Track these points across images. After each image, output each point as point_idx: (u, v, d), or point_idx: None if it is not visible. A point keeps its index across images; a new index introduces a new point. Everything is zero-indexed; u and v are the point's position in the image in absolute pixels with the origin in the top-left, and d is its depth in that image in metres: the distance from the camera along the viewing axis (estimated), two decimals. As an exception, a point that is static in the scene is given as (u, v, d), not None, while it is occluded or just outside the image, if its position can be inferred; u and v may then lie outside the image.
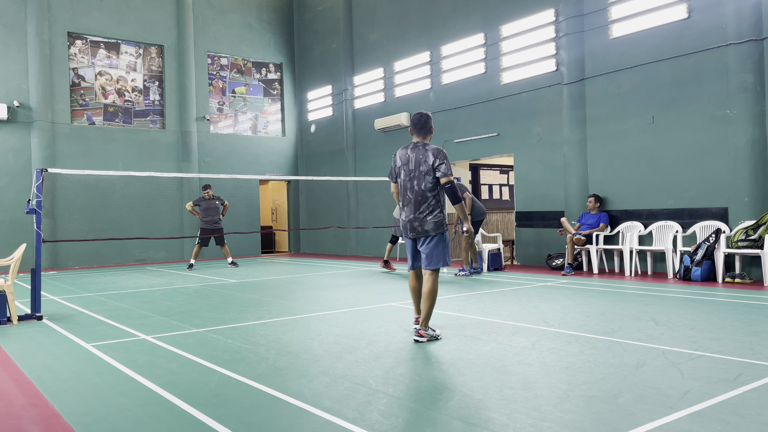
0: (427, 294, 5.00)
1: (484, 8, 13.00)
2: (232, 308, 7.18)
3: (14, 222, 13.96)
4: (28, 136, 14.44)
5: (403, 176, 5.10)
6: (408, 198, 5.07)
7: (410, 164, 5.05)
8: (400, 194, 5.17)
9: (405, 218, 5.10)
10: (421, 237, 5.06)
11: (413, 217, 5.05)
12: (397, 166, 5.16)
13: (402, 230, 5.17)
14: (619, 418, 3.06)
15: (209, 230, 12.92)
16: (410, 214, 5.06)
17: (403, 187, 5.12)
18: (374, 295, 8.11)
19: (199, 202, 13.03)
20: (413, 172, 5.03)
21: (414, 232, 5.07)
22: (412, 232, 5.08)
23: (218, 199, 13.11)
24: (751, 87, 8.80)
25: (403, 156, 5.13)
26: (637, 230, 10.06)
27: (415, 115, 5.17)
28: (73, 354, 4.88)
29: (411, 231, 5.08)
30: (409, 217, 5.06)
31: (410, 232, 5.08)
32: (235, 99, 17.97)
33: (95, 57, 15.70)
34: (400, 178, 5.14)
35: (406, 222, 5.09)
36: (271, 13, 18.64)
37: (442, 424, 3.03)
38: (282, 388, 3.73)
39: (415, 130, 5.14)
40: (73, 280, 11.30)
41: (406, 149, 5.14)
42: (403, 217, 5.11)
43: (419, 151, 5.04)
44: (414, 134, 5.16)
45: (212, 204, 12.95)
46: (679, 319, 5.71)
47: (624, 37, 10.44)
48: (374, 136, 16.12)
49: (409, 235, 5.10)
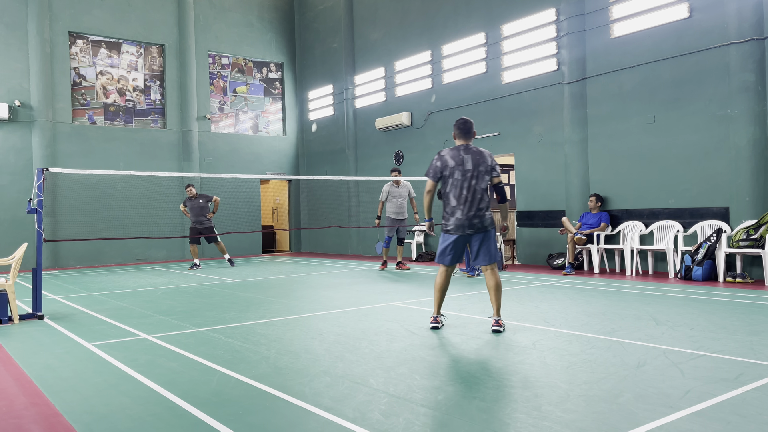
0: (497, 287, 5.35)
1: (485, 7, 12.99)
2: (233, 308, 7.18)
3: (15, 221, 13.97)
4: (29, 135, 14.45)
5: (457, 176, 5.32)
6: (464, 196, 5.30)
7: (466, 165, 5.32)
8: (453, 193, 5.33)
9: (462, 216, 5.29)
10: (480, 232, 5.34)
11: (473, 213, 5.30)
12: (449, 167, 5.35)
13: (456, 228, 5.32)
14: (619, 417, 3.06)
15: (196, 230, 12.78)
16: (469, 211, 5.29)
17: (457, 187, 5.32)
18: (375, 294, 8.11)
19: (185, 202, 12.97)
20: (471, 172, 5.32)
21: (473, 228, 5.32)
22: (470, 228, 5.31)
23: (203, 197, 12.81)
24: (753, 86, 8.79)
25: (455, 157, 5.36)
26: (638, 230, 10.05)
27: (460, 121, 5.49)
28: (74, 353, 4.88)
29: (470, 227, 5.31)
30: (468, 214, 5.29)
31: (468, 228, 5.31)
32: (236, 98, 17.97)
33: (96, 56, 15.71)
34: (452, 178, 5.33)
35: (464, 219, 5.29)
36: (273, 12, 18.64)
37: (442, 424, 3.03)
38: (283, 387, 3.73)
39: (461, 134, 5.48)
40: (74, 280, 11.31)
41: (456, 151, 5.39)
42: (459, 216, 5.29)
43: (474, 153, 5.38)
44: (460, 138, 5.49)
45: (196, 203, 12.74)
46: (680, 319, 5.70)
47: (625, 37, 10.43)
48: (375, 136, 16.12)
49: (467, 231, 5.31)
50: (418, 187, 14.51)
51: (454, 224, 5.33)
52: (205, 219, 12.76)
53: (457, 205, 5.32)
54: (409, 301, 7.32)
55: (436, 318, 5.50)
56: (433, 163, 5.46)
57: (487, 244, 5.36)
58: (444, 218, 5.43)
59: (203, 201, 12.75)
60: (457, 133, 5.52)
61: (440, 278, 5.51)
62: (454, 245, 5.39)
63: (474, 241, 5.37)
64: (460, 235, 5.34)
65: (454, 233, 5.35)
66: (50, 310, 7.26)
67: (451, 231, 5.36)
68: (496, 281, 5.36)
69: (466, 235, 5.34)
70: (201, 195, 12.87)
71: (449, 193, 5.37)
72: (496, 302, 5.33)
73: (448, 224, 5.37)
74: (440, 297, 5.51)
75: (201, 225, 12.76)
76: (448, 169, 5.36)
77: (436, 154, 5.48)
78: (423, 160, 14.55)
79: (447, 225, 5.38)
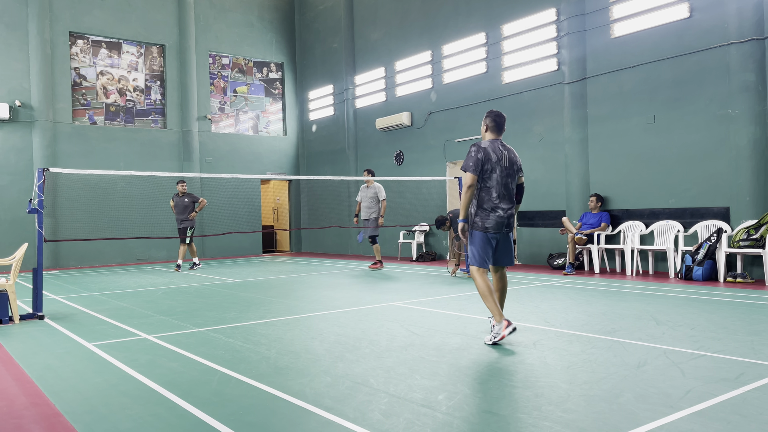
0: (506, 287, 5.21)
1: (485, 7, 12.99)
2: (234, 308, 7.18)
3: (16, 221, 13.97)
4: (29, 135, 14.45)
5: (498, 171, 5.01)
6: (503, 194, 5.04)
7: (504, 161, 5.05)
8: (495, 189, 5.00)
9: (503, 213, 5.02)
10: (508, 232, 5.14)
11: (510, 212, 5.08)
12: (491, 161, 5.00)
13: (497, 225, 5.01)
14: (620, 417, 3.06)
15: (183, 229, 12.55)
16: (508, 209, 5.05)
17: (499, 183, 5.02)
18: (375, 294, 8.11)
19: (174, 198, 12.73)
20: (509, 169, 5.06)
21: (508, 227, 5.10)
22: (507, 227, 5.08)
23: (189, 197, 12.58)
24: (753, 86, 8.79)
25: (497, 151, 5.04)
26: (638, 230, 10.05)
27: (494, 113, 5.17)
28: (74, 353, 4.89)
29: (507, 226, 5.08)
30: (508, 212, 5.05)
31: (505, 226, 5.07)
32: (237, 98, 17.97)
33: (97, 56, 15.71)
34: (494, 173, 5.00)
35: (505, 217, 5.03)
36: (273, 12, 18.64)
37: (443, 423, 3.03)
38: (283, 387, 3.73)
39: (495, 128, 5.14)
40: (74, 280, 11.32)
41: (495, 144, 5.08)
42: (501, 213, 5.01)
43: (510, 151, 5.13)
44: (492, 132, 5.15)
45: (182, 201, 12.49)
46: (681, 319, 5.70)
47: (625, 37, 10.43)
48: (375, 136, 16.12)
49: (503, 230, 5.06)
50: (418, 187, 14.51)
51: (495, 221, 4.98)
52: (186, 218, 12.49)
53: (499, 202, 5.00)
54: (410, 301, 7.32)
55: (508, 320, 4.81)
56: (473, 155, 5.00)
57: (510, 244, 5.18)
58: (479, 216, 5.01)
59: (189, 200, 12.53)
60: (490, 125, 5.15)
61: (485, 281, 4.98)
62: (492, 245, 5.05)
63: (504, 241, 5.12)
64: (497, 234, 5.03)
65: (493, 231, 5.00)
66: (51, 310, 7.26)
67: (490, 229, 5.00)
68: (506, 284, 5.23)
69: (502, 233, 5.06)
70: (189, 194, 12.65)
71: (490, 189, 4.99)
72: (501, 304, 5.14)
73: (487, 222, 4.98)
74: (494, 300, 4.94)
75: (182, 225, 12.52)
76: (491, 163, 4.99)
77: (473, 146, 5.06)
78: (423, 160, 14.56)
79: (485, 223, 4.99)
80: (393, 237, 15.47)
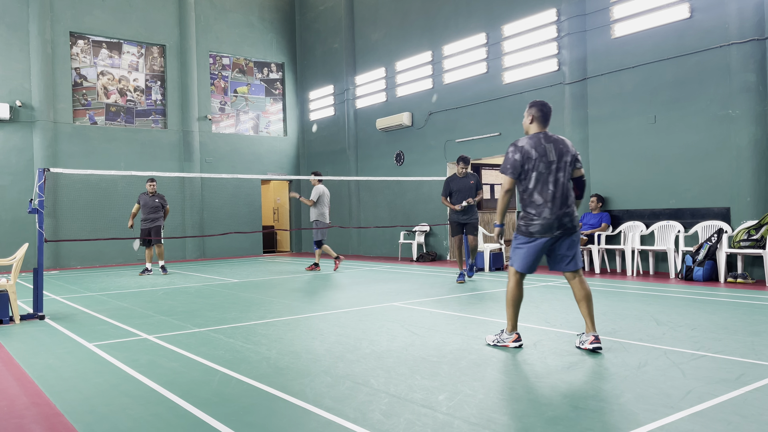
0: (589, 297, 4.62)
1: (485, 8, 12.99)
2: (234, 308, 7.19)
3: (16, 221, 13.98)
4: (30, 135, 14.46)
5: (542, 169, 4.53)
6: (550, 192, 4.53)
7: (550, 155, 4.55)
8: (538, 189, 4.55)
9: (551, 215, 4.51)
10: (569, 234, 4.59)
11: (563, 212, 4.54)
12: (532, 159, 4.54)
13: (544, 229, 4.54)
14: (620, 417, 3.06)
15: (147, 230, 11.80)
16: (558, 209, 4.53)
17: (542, 182, 4.54)
18: (376, 294, 8.11)
19: (139, 198, 11.92)
20: (556, 163, 4.56)
21: (562, 229, 4.56)
22: (560, 229, 4.55)
23: (160, 198, 11.95)
24: (754, 87, 8.78)
25: (537, 147, 4.56)
26: (638, 230, 10.05)
27: (539, 103, 4.70)
28: (75, 353, 4.89)
29: (559, 228, 4.54)
30: (557, 213, 4.52)
31: (557, 229, 4.54)
32: (237, 99, 17.98)
33: (97, 57, 15.72)
34: (536, 171, 4.53)
35: (553, 219, 4.51)
36: (273, 12, 18.65)
37: (444, 424, 3.03)
38: (283, 387, 3.73)
39: (541, 120, 4.67)
40: (75, 280, 11.32)
41: (536, 139, 4.60)
42: (547, 215, 4.51)
43: (556, 142, 4.62)
44: (538, 124, 4.68)
45: (152, 201, 11.78)
46: (681, 319, 5.70)
47: (626, 37, 10.43)
48: (376, 136, 16.13)
49: (556, 232, 4.54)
50: (418, 187, 14.51)
51: (541, 225, 4.53)
52: (157, 218, 11.83)
53: (543, 203, 4.53)
54: (410, 302, 7.32)
55: (518, 334, 4.69)
56: (510, 157, 4.60)
57: (577, 247, 4.66)
58: (524, 220, 4.64)
59: (159, 201, 11.90)
60: (536, 116, 4.67)
61: (517, 289, 4.70)
62: (539, 249, 4.61)
63: (562, 244, 4.61)
64: (548, 238, 4.56)
65: (540, 236, 4.55)
66: (51, 310, 7.26)
67: (536, 234, 4.55)
68: (587, 290, 4.62)
69: (554, 236, 4.56)
70: (158, 194, 12.03)
71: (533, 190, 4.56)
72: (590, 315, 4.58)
73: (532, 226, 4.55)
74: (517, 311, 4.71)
75: (152, 224, 11.81)
76: (531, 162, 4.54)
77: (511, 145, 4.64)
78: (424, 161, 14.56)
79: (530, 227, 4.56)
80: (393, 237, 15.47)
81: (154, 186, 11.91)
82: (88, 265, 15.04)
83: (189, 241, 16.47)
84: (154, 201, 11.82)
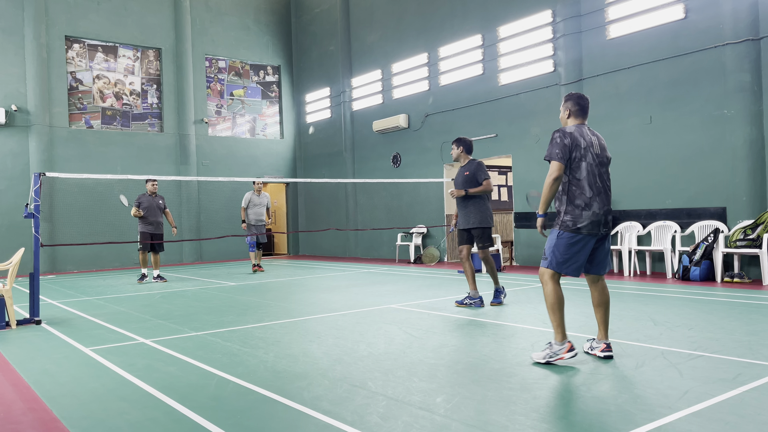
0: (609, 302, 4.42)
1: (481, 9, 13.02)
2: (231, 311, 7.17)
3: (12, 226, 13.94)
4: (26, 139, 14.43)
5: (590, 159, 4.23)
6: (599, 186, 4.24)
7: (595, 148, 4.29)
8: (590, 180, 4.22)
9: (600, 210, 4.21)
10: (607, 233, 4.34)
11: (608, 208, 4.27)
12: (581, 147, 4.23)
13: (592, 225, 4.20)
14: (618, 418, 3.06)
15: (149, 234, 10.83)
16: (604, 205, 4.24)
17: (591, 174, 4.22)
18: (373, 297, 8.11)
19: (141, 200, 10.83)
20: (601, 156, 4.31)
21: (607, 227, 4.29)
22: (605, 228, 4.27)
23: (162, 198, 11.14)
24: (749, 87, 8.81)
25: (585, 136, 4.28)
26: (635, 230, 10.06)
27: (576, 95, 4.44)
28: (71, 358, 4.87)
29: (605, 225, 4.26)
30: (604, 209, 4.24)
31: (603, 226, 4.25)
32: (233, 101, 17.97)
33: (93, 60, 15.70)
34: (585, 161, 4.22)
35: (601, 215, 4.21)
36: (269, 15, 18.65)
37: (441, 426, 3.02)
38: (281, 390, 3.72)
39: (580, 112, 4.41)
40: (71, 284, 11.29)
41: (582, 129, 4.32)
42: (596, 209, 4.20)
43: (598, 137, 4.39)
44: (577, 117, 4.41)
45: (155, 202, 10.89)
46: (678, 319, 5.71)
47: (621, 38, 10.46)
48: (372, 138, 16.13)
49: (602, 231, 4.25)
50: (415, 189, 14.52)
51: (590, 220, 4.17)
52: (162, 222, 11.01)
53: (593, 195, 4.20)
54: (407, 304, 7.32)
55: (571, 343, 4.21)
56: (558, 141, 4.23)
57: (608, 249, 4.41)
58: (570, 214, 4.23)
59: (162, 202, 11.10)
60: (573, 109, 4.40)
61: (557, 292, 4.25)
62: (582, 249, 4.23)
63: (602, 244, 4.34)
64: (592, 235, 4.22)
65: (587, 232, 4.19)
66: (48, 315, 7.24)
67: (583, 230, 4.18)
68: (607, 296, 4.41)
69: (600, 234, 4.25)
70: (159, 195, 11.17)
71: (581, 181, 4.21)
72: (605, 322, 4.38)
73: (580, 221, 4.18)
74: (563, 316, 4.27)
75: (158, 230, 10.91)
76: (580, 149, 4.22)
77: (557, 131, 4.29)
78: (420, 162, 14.56)
79: (577, 222, 4.18)
80: (391, 239, 15.47)
81: (155, 185, 10.93)
82: (84, 269, 15.00)
83: (186, 245, 16.44)
84: (158, 201, 10.94)
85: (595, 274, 4.39)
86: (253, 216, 12.34)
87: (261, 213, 12.39)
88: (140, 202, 10.79)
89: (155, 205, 10.86)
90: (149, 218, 10.79)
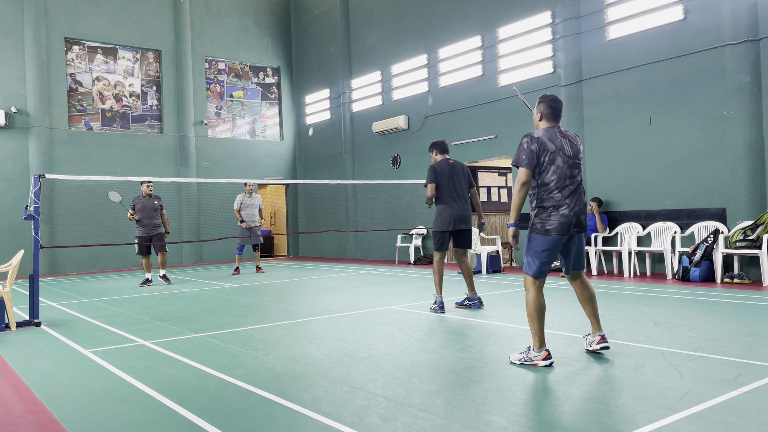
0: (594, 297, 4.55)
1: (480, 11, 13.02)
2: (231, 313, 7.17)
3: (12, 228, 13.94)
4: (25, 141, 14.43)
5: (560, 163, 4.32)
6: (570, 188, 4.34)
7: (566, 150, 4.38)
8: (558, 184, 4.31)
9: (569, 211, 4.30)
10: (581, 232, 4.44)
11: (579, 209, 4.37)
12: (548, 151, 4.31)
13: (562, 227, 4.29)
14: (618, 419, 3.06)
15: (146, 237, 10.66)
16: (576, 206, 4.34)
17: (562, 176, 4.32)
18: (373, 298, 8.10)
19: (135, 202, 10.71)
20: (573, 159, 4.39)
21: (579, 227, 4.38)
22: (576, 227, 4.36)
23: (158, 198, 10.89)
24: (748, 87, 8.82)
25: (555, 140, 4.36)
26: (635, 231, 10.06)
27: (549, 98, 4.50)
28: (71, 360, 4.87)
29: (576, 226, 4.35)
30: (575, 209, 4.33)
31: (575, 227, 4.35)
32: (233, 103, 17.98)
33: (92, 62, 15.70)
34: (553, 165, 4.31)
35: (572, 216, 4.31)
36: (269, 17, 18.66)
37: (441, 427, 3.02)
38: (281, 392, 3.72)
39: (552, 115, 4.48)
40: (71, 286, 11.29)
41: (552, 132, 4.40)
42: (566, 211, 4.28)
43: (570, 138, 4.48)
44: (548, 120, 4.49)
45: (151, 203, 10.70)
46: (678, 320, 5.70)
47: (621, 39, 10.47)
48: (372, 139, 16.13)
49: (573, 230, 4.34)
50: (415, 190, 14.52)
51: (560, 222, 4.27)
52: (159, 223, 10.80)
53: (561, 198, 4.30)
54: (407, 305, 7.31)
55: (548, 351, 4.25)
56: (525, 147, 4.32)
57: (583, 247, 4.52)
58: (539, 217, 4.35)
59: (158, 203, 10.86)
60: (545, 112, 4.48)
61: (538, 299, 4.33)
62: (554, 250, 4.35)
63: (574, 243, 4.45)
64: (563, 236, 4.33)
65: (557, 234, 4.29)
66: (47, 317, 7.23)
67: (552, 232, 4.28)
68: (591, 291, 4.55)
69: (570, 234, 4.35)
70: (156, 196, 10.95)
71: (549, 185, 4.31)
72: (595, 315, 4.53)
73: (549, 223, 4.28)
74: (543, 323, 4.31)
75: (154, 231, 10.72)
76: (548, 154, 4.31)
77: (525, 136, 4.38)
78: (420, 164, 14.56)
79: (546, 225, 4.29)
80: (391, 240, 15.47)
81: (150, 187, 10.74)
82: (84, 271, 15.00)
83: (186, 246, 16.44)
84: (153, 203, 10.74)
85: (574, 271, 4.52)
86: (246, 218, 12.41)
87: (253, 214, 12.46)
88: (135, 205, 10.67)
89: (150, 207, 10.69)
90: (144, 221, 10.65)
